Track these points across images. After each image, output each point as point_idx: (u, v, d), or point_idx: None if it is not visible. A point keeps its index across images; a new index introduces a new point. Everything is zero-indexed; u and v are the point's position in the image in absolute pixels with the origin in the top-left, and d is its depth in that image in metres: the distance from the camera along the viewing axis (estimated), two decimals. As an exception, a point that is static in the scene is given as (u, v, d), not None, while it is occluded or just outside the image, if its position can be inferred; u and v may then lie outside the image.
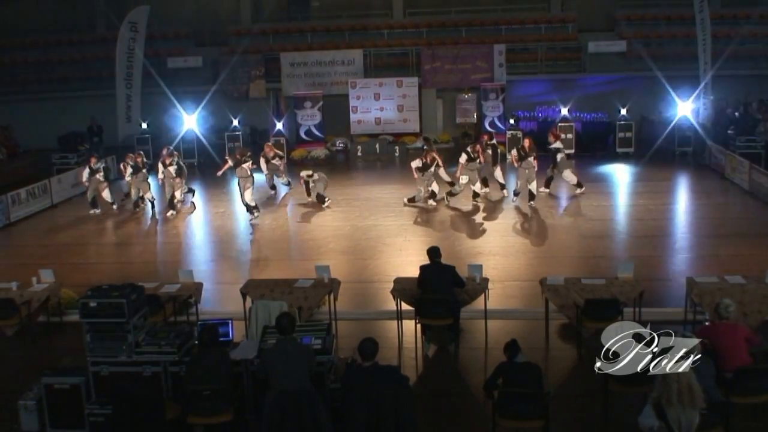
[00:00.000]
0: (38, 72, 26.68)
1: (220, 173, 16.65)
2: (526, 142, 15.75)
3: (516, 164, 15.76)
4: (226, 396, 6.77)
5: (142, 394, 6.77)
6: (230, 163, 15.95)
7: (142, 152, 17.61)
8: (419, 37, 25.82)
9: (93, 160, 16.81)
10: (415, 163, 15.83)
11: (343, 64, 24.99)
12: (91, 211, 16.65)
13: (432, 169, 15.77)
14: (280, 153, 17.88)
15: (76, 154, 21.33)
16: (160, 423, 6.65)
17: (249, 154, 15.93)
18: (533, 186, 15.56)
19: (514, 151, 15.96)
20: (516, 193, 16.00)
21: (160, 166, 16.58)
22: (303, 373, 6.43)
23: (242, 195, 15.35)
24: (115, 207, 16.92)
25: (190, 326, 8.39)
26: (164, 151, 16.82)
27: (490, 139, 17.40)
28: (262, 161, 17.21)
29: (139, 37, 22.71)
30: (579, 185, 16.49)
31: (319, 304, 9.66)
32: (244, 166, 15.31)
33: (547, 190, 16.66)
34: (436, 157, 15.95)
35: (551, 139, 16.63)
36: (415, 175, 15.82)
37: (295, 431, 6.27)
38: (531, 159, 15.35)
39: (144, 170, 16.48)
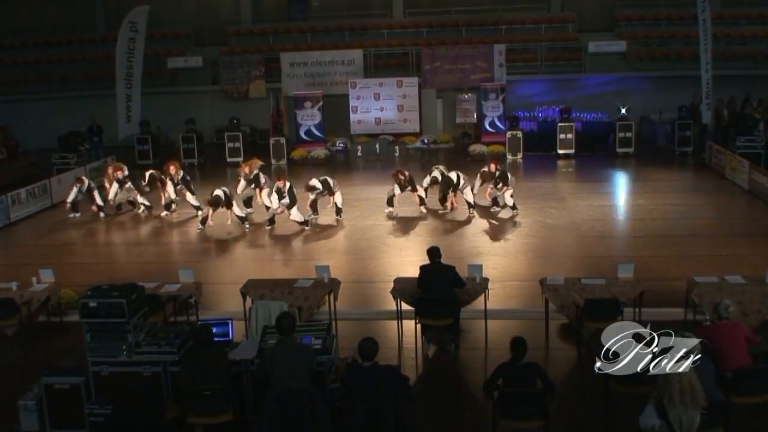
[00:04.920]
0: (38, 72, 26.71)
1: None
2: (492, 166, 15.48)
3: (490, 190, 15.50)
4: (226, 396, 6.78)
5: (142, 394, 6.77)
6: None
7: (121, 165, 17.04)
8: (419, 37, 25.84)
9: (79, 183, 16.43)
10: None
11: (343, 64, 25.00)
12: (72, 215, 16.52)
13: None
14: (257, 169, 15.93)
15: (76, 154, 21.33)
16: (160, 423, 6.66)
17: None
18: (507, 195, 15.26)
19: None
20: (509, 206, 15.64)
21: (169, 183, 15.98)
22: (303, 373, 6.43)
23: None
24: (73, 216, 16.41)
25: (190, 326, 8.39)
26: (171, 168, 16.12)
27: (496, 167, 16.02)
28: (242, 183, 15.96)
29: (139, 37, 22.69)
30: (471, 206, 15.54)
31: (319, 304, 9.66)
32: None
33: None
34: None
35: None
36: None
37: (295, 431, 6.28)
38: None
39: (128, 184, 16.41)
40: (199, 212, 15.46)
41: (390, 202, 15.67)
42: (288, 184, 14.59)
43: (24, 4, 27.00)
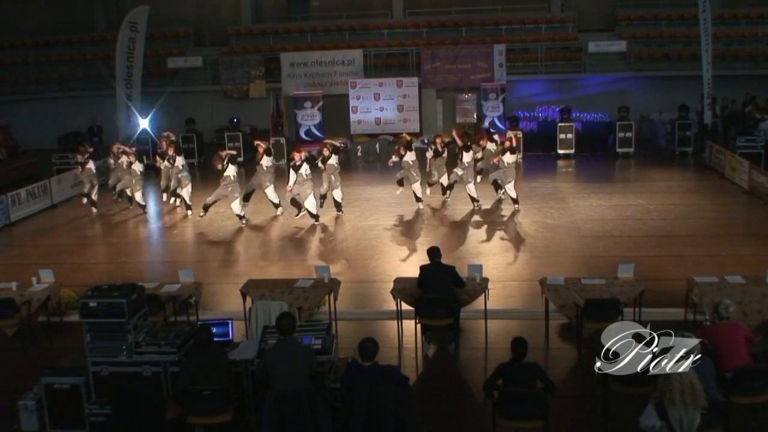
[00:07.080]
0: (38, 72, 26.73)
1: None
2: (507, 142, 15.58)
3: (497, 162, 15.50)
4: (226, 396, 6.78)
5: (142, 394, 6.77)
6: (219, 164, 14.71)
7: (126, 148, 17.21)
8: (419, 37, 25.86)
9: (78, 156, 16.80)
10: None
11: (343, 64, 25.01)
12: (93, 210, 16.68)
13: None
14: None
15: (77, 154, 21.33)
16: (160, 423, 6.65)
17: (231, 155, 14.86)
18: (510, 187, 15.31)
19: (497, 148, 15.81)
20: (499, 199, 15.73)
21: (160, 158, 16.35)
22: (303, 373, 6.43)
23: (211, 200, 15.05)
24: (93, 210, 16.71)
25: (190, 326, 8.39)
26: (164, 142, 16.60)
27: (490, 139, 17.32)
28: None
29: (139, 37, 22.69)
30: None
31: (319, 304, 9.66)
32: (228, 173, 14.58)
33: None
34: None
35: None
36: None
37: (295, 431, 6.28)
38: (506, 156, 15.22)
39: (134, 165, 16.45)
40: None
41: (401, 183, 16.07)
42: (304, 158, 14.73)
43: (24, 4, 27.00)
